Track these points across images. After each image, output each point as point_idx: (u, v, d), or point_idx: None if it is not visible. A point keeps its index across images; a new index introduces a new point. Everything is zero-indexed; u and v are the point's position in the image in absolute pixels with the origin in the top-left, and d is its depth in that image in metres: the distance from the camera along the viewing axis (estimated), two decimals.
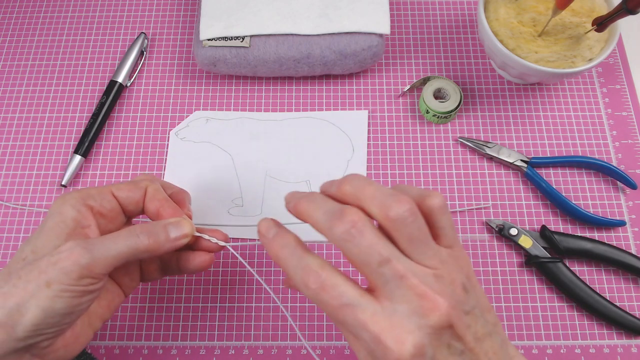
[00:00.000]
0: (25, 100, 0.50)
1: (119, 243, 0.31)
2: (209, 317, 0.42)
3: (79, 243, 0.30)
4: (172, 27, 0.53)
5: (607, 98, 0.49)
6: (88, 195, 0.33)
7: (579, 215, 0.44)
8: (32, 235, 0.32)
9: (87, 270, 0.29)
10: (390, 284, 0.25)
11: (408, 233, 0.26)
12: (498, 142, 0.47)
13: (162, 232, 0.32)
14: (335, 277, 0.26)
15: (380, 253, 0.25)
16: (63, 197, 0.32)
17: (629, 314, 0.41)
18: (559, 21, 0.44)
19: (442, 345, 0.25)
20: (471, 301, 0.26)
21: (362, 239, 0.25)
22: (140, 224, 0.33)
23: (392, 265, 0.25)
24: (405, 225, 0.25)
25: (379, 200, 0.26)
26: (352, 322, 0.25)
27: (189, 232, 0.34)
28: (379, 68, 0.51)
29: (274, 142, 0.48)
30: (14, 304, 0.28)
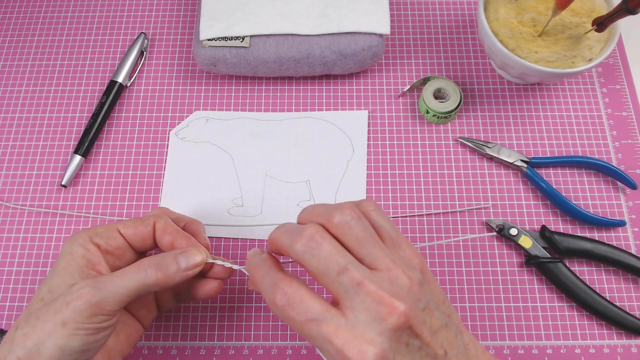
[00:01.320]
0: (25, 100, 0.50)
1: (127, 279, 0.31)
2: (209, 317, 0.42)
3: (89, 283, 0.31)
4: (172, 27, 0.53)
5: (607, 98, 0.49)
6: (95, 234, 0.34)
7: (579, 215, 0.44)
8: (47, 276, 0.33)
9: (99, 308, 0.30)
10: (350, 292, 0.26)
11: (354, 235, 0.27)
12: (498, 142, 0.47)
13: (172, 264, 0.33)
14: (301, 293, 0.27)
15: (338, 262, 0.26)
16: (72, 237, 0.34)
17: (629, 314, 0.41)
18: (559, 21, 0.44)
19: (400, 345, 0.26)
20: (426, 296, 0.28)
21: (320, 250, 0.27)
22: (150, 257, 0.33)
23: (349, 274, 0.26)
24: (349, 227, 0.28)
25: (324, 213, 0.28)
26: (316, 336, 0.26)
27: (201, 261, 0.34)
28: (379, 68, 0.51)
29: (274, 142, 0.48)
30: (33, 343, 0.29)
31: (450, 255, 0.44)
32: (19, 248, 0.45)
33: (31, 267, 0.44)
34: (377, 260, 0.27)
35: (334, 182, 0.46)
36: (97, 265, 0.33)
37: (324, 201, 0.45)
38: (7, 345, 0.30)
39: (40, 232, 0.45)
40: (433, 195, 0.46)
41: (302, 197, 0.46)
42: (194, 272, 0.34)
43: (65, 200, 0.46)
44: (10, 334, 0.31)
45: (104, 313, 0.30)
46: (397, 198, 0.46)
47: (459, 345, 0.29)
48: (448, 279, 0.43)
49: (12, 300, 0.43)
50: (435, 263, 0.43)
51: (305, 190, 0.46)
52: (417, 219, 0.45)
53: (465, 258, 0.44)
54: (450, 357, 0.28)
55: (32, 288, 0.43)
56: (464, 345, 0.29)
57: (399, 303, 0.26)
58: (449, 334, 0.28)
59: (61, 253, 0.33)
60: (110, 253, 0.34)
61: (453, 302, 0.42)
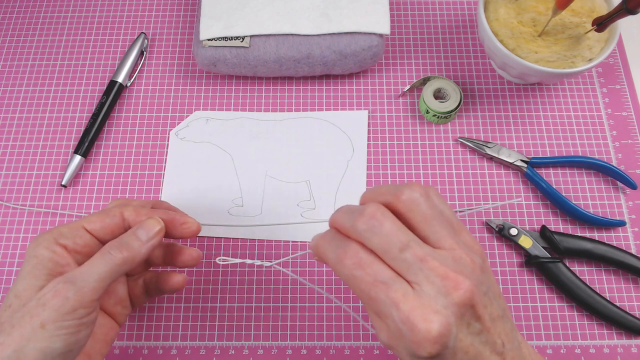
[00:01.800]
0: (25, 100, 0.50)
1: (96, 266, 0.31)
2: (209, 317, 0.42)
3: (60, 279, 0.30)
4: (172, 27, 0.53)
5: (607, 98, 0.49)
6: (60, 234, 0.32)
7: (579, 215, 0.44)
8: (13, 283, 0.32)
9: (77, 301, 0.29)
10: (414, 267, 0.26)
11: (422, 212, 0.27)
12: (498, 142, 0.47)
13: (133, 240, 0.32)
14: (371, 257, 0.27)
15: (400, 239, 0.26)
16: (36, 240, 0.32)
17: (629, 314, 0.41)
18: (559, 21, 0.44)
19: (463, 324, 0.26)
20: (487, 282, 0.27)
21: (382, 228, 0.26)
22: (111, 241, 0.32)
23: (412, 250, 0.26)
24: (418, 204, 0.27)
25: (392, 190, 0.28)
26: (383, 299, 0.26)
27: (160, 229, 0.34)
28: (379, 68, 0.51)
29: (274, 142, 0.48)
30: (12, 351, 0.28)
31: None
32: (19, 248, 0.45)
33: None
34: (442, 239, 0.27)
35: (334, 182, 0.46)
36: (66, 267, 0.32)
37: (323, 201, 0.45)
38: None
39: (40, 232, 0.45)
40: None
41: (302, 197, 0.46)
42: (157, 240, 0.33)
43: (65, 200, 0.46)
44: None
45: (83, 306, 0.30)
46: None
47: (515, 341, 0.28)
48: None
49: None
50: None
51: (305, 190, 0.46)
52: None
53: None
54: (507, 350, 0.27)
55: None
56: (518, 342, 0.29)
57: (463, 279, 0.26)
58: (505, 326, 0.28)
59: (26, 257, 0.32)
60: (78, 252, 0.33)
61: None
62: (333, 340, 0.41)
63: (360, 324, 0.42)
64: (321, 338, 0.42)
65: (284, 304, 0.43)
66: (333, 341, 0.41)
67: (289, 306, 0.42)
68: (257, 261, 0.37)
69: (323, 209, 0.45)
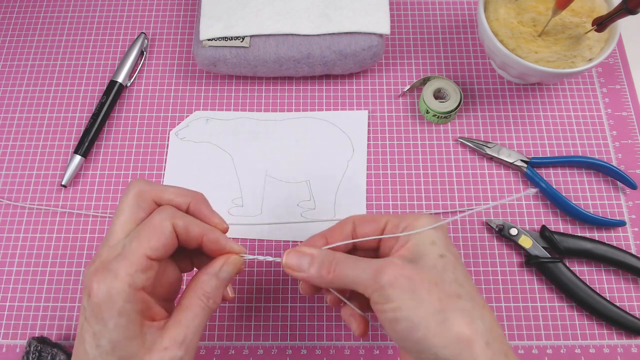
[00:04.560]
0: (25, 100, 0.50)
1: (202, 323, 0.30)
2: None
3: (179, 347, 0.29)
4: (172, 27, 0.53)
5: (607, 98, 0.49)
6: (132, 277, 0.28)
7: (579, 215, 0.44)
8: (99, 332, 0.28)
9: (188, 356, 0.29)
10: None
11: None
12: (498, 142, 0.47)
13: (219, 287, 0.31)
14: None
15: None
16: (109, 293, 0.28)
17: (629, 314, 0.41)
18: (559, 21, 0.44)
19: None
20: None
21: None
22: (194, 289, 0.31)
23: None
24: None
25: None
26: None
27: (240, 266, 0.33)
28: (379, 68, 0.51)
29: (274, 142, 0.48)
30: None
31: None
32: (19, 248, 0.45)
33: (31, 267, 0.44)
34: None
35: (334, 182, 0.46)
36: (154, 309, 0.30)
37: (323, 201, 0.45)
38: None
39: (40, 232, 0.45)
40: (433, 195, 0.46)
41: (302, 197, 0.46)
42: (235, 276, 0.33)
43: (65, 200, 0.46)
44: None
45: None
46: (397, 198, 0.46)
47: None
48: None
49: (12, 300, 0.43)
50: None
51: (305, 190, 0.46)
52: None
53: (465, 258, 0.44)
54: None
55: (32, 288, 0.43)
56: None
57: None
58: None
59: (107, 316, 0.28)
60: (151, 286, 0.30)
61: None
62: (333, 340, 0.41)
63: None
64: (321, 338, 0.42)
65: (284, 304, 0.43)
66: (333, 341, 0.41)
67: (289, 306, 0.42)
68: (268, 257, 0.36)
69: (323, 209, 0.45)
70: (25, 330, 0.42)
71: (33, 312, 0.43)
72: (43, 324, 0.42)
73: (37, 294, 0.43)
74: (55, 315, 0.42)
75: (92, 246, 0.44)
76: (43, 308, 0.43)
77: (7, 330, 0.42)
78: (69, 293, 0.43)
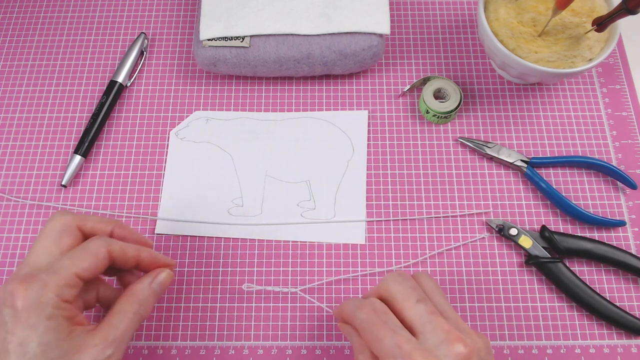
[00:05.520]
0: (25, 100, 0.50)
1: (132, 326, 0.32)
2: (209, 317, 0.42)
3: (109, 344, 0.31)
4: (172, 27, 0.53)
5: (607, 98, 0.49)
6: (59, 289, 0.30)
7: (579, 215, 0.44)
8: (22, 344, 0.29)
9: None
10: (423, 318, 0.30)
11: (429, 285, 0.34)
12: (498, 142, 0.47)
13: (150, 294, 0.34)
14: (385, 308, 0.32)
15: (419, 294, 0.32)
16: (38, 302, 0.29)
17: (629, 314, 0.41)
18: (559, 21, 0.44)
19: None
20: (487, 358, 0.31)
21: (408, 282, 0.32)
22: (128, 297, 0.33)
23: (426, 304, 0.31)
24: (426, 279, 0.34)
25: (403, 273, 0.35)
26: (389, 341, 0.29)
27: (170, 279, 0.36)
28: (379, 68, 0.51)
29: (274, 142, 0.48)
30: None
31: (451, 255, 0.44)
32: (19, 248, 0.45)
33: None
34: (447, 311, 0.32)
35: (334, 182, 0.46)
36: (76, 318, 0.31)
37: (323, 201, 0.45)
38: None
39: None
40: (433, 195, 0.46)
41: (302, 197, 0.46)
42: (165, 289, 0.36)
43: (65, 200, 0.46)
44: None
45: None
46: (397, 198, 0.46)
47: None
48: (448, 279, 0.43)
49: None
50: (435, 263, 0.43)
51: (305, 190, 0.46)
52: (417, 219, 0.45)
53: (465, 258, 0.44)
54: None
55: None
56: None
57: (464, 337, 0.29)
58: None
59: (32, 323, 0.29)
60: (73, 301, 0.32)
61: (453, 302, 0.42)
62: (333, 340, 0.41)
63: None
64: (321, 338, 0.42)
65: (284, 304, 0.43)
66: (333, 341, 0.41)
67: (288, 306, 0.42)
68: (283, 288, 0.41)
69: (323, 209, 0.45)
70: None
71: None
72: None
73: None
74: None
75: None
76: None
77: None
78: None
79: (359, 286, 0.43)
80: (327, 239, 0.44)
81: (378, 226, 0.45)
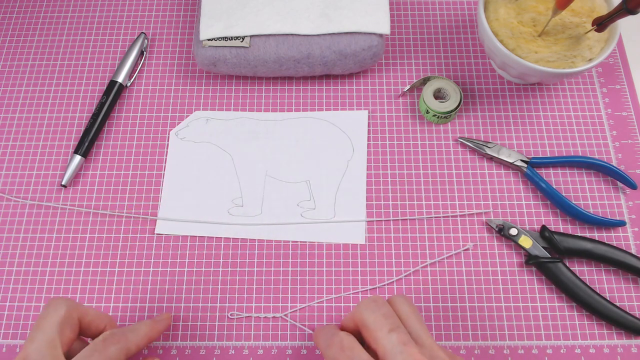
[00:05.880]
0: (25, 100, 0.50)
1: None
2: (209, 317, 0.42)
3: None
4: (172, 27, 0.53)
5: (607, 98, 0.49)
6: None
7: (579, 215, 0.44)
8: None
9: None
10: (395, 348, 0.30)
11: (405, 310, 0.33)
12: (498, 142, 0.47)
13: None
14: (353, 344, 0.32)
15: (392, 322, 0.31)
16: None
17: (629, 314, 0.41)
18: (559, 21, 0.44)
19: None
20: None
21: (381, 309, 0.32)
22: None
23: (398, 334, 0.30)
24: (402, 303, 0.34)
25: (380, 297, 0.34)
26: None
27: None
28: (379, 68, 0.51)
29: (274, 142, 0.48)
30: None
31: (450, 256, 0.44)
32: (19, 248, 0.45)
33: (31, 267, 0.44)
34: (422, 337, 0.31)
35: (334, 182, 0.46)
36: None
37: (323, 201, 0.45)
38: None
39: (40, 232, 0.45)
40: (433, 195, 0.46)
41: (302, 197, 0.46)
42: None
43: (65, 200, 0.46)
44: None
45: None
46: (397, 198, 0.46)
47: None
48: (448, 279, 0.43)
49: (12, 300, 0.43)
50: (435, 263, 0.43)
51: (305, 190, 0.46)
52: (417, 219, 0.45)
53: (465, 258, 0.44)
54: None
55: (32, 288, 0.43)
56: None
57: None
58: None
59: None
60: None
61: (453, 302, 0.42)
62: None
63: None
64: None
65: (284, 304, 0.43)
66: None
67: (288, 306, 0.42)
68: (270, 314, 0.41)
69: (323, 209, 0.45)
70: (25, 331, 0.42)
71: (33, 312, 0.43)
72: None
73: (37, 294, 0.43)
74: None
75: (92, 246, 0.44)
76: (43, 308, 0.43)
77: (7, 330, 0.42)
78: (68, 293, 0.43)
79: (358, 286, 0.43)
80: (327, 239, 0.44)
81: (378, 226, 0.45)
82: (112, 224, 0.45)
